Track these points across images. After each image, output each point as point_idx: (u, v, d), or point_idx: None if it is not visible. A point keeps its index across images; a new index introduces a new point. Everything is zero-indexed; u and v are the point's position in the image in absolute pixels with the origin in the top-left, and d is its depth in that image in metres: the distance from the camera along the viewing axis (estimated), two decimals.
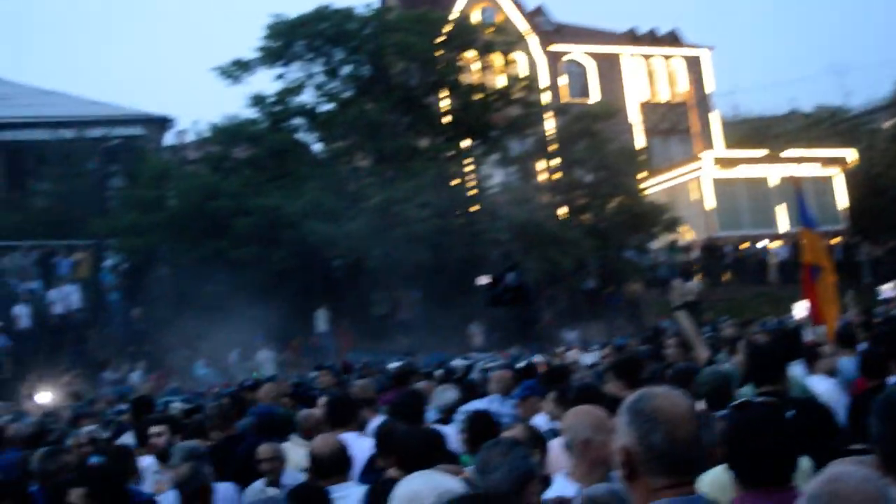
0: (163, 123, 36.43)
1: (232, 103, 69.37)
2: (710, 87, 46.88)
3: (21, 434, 10.47)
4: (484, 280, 22.74)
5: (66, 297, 26.42)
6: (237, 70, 29.75)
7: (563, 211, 32.42)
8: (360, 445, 6.40)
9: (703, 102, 46.52)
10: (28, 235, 28.87)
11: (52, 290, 26.60)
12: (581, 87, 44.21)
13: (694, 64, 46.75)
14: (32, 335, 25.95)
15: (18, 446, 10.00)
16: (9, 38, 79.92)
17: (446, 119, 31.54)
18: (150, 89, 75.46)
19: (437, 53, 30.75)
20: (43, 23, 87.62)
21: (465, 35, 31.92)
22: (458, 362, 17.01)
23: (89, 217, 29.16)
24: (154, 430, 8.03)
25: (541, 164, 33.69)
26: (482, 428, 5.79)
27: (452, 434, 6.66)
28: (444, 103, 31.99)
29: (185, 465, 5.80)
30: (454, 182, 29.59)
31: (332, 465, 5.50)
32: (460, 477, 4.05)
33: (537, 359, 14.17)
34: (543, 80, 38.93)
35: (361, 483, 5.61)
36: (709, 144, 44.65)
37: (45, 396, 21.80)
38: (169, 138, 37.20)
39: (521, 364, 12.17)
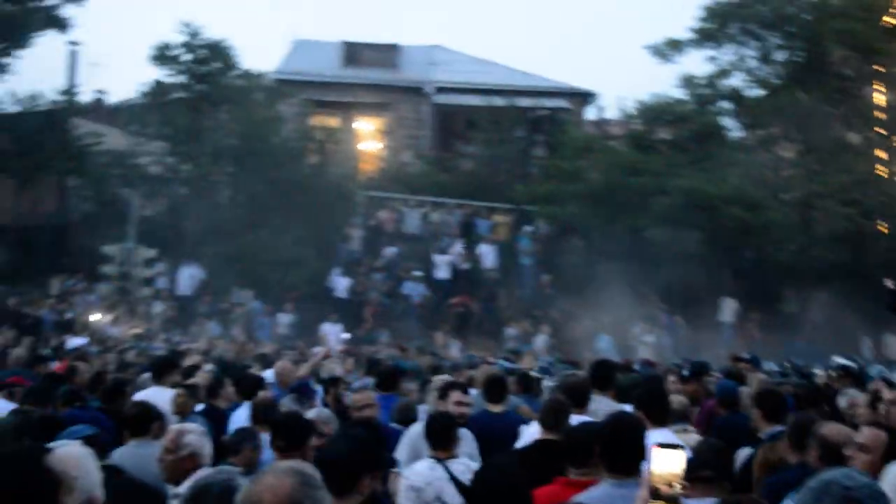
0: (586, 98, 37.23)
1: (653, 82, 69.16)
2: None
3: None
4: (891, 283, 20.86)
5: (482, 256, 27.84)
6: (669, 49, 29.75)
7: None
8: None
9: None
10: (454, 194, 30.68)
11: (458, 246, 28.11)
12: None
13: None
14: (448, 287, 27.59)
15: None
16: (449, 9, 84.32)
17: (882, 114, 29.72)
18: (575, 63, 76.83)
19: (879, 43, 29.02)
20: None
21: None
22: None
23: (512, 183, 30.48)
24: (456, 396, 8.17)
25: None
26: None
27: None
28: (881, 97, 30.17)
29: None
30: (885, 181, 27.86)
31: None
32: None
33: None
34: None
35: None
36: None
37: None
38: (591, 112, 38.00)
39: None
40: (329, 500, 2.97)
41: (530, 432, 7.62)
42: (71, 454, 3.51)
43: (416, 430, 7.81)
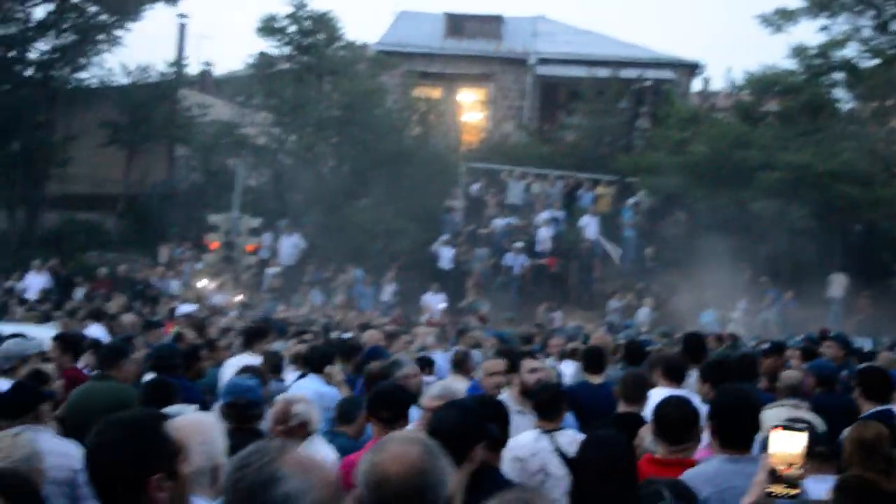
0: (692, 69, 36.56)
1: (762, 52, 67.54)
2: None
3: None
4: None
5: (584, 228, 27.61)
6: (780, 19, 29.02)
7: None
8: None
9: None
10: (556, 166, 30.45)
11: (545, 215, 27.95)
12: None
13: None
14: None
15: None
16: None
17: None
18: (681, 34, 75.55)
19: None
20: None
21: None
22: None
23: (615, 154, 30.14)
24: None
25: None
26: None
27: None
28: None
29: None
30: None
31: None
32: None
33: None
34: None
35: None
36: None
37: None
38: (697, 84, 37.31)
39: None
40: (451, 470, 2.93)
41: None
42: (192, 421, 3.52)
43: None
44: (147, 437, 3.01)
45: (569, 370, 10.92)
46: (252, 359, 9.18)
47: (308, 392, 7.68)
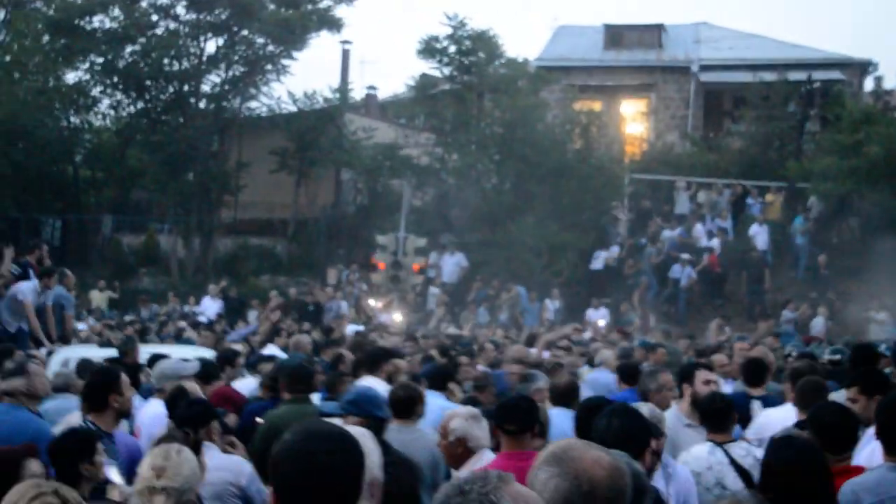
0: (863, 67, 35.15)
1: None
2: None
3: None
4: None
5: (754, 237, 26.85)
6: None
7: None
8: None
9: None
10: (722, 174, 29.77)
11: (699, 227, 27.31)
12: None
13: None
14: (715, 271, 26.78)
15: None
16: None
17: None
18: (851, 31, 72.75)
19: None
20: None
21: None
22: None
23: (784, 160, 29.25)
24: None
25: None
26: None
27: None
28: None
29: None
30: None
31: None
32: None
33: None
34: None
35: None
36: None
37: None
38: (868, 83, 35.84)
39: None
40: None
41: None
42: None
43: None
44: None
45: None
46: (377, 382, 9.18)
47: (432, 408, 7.75)
